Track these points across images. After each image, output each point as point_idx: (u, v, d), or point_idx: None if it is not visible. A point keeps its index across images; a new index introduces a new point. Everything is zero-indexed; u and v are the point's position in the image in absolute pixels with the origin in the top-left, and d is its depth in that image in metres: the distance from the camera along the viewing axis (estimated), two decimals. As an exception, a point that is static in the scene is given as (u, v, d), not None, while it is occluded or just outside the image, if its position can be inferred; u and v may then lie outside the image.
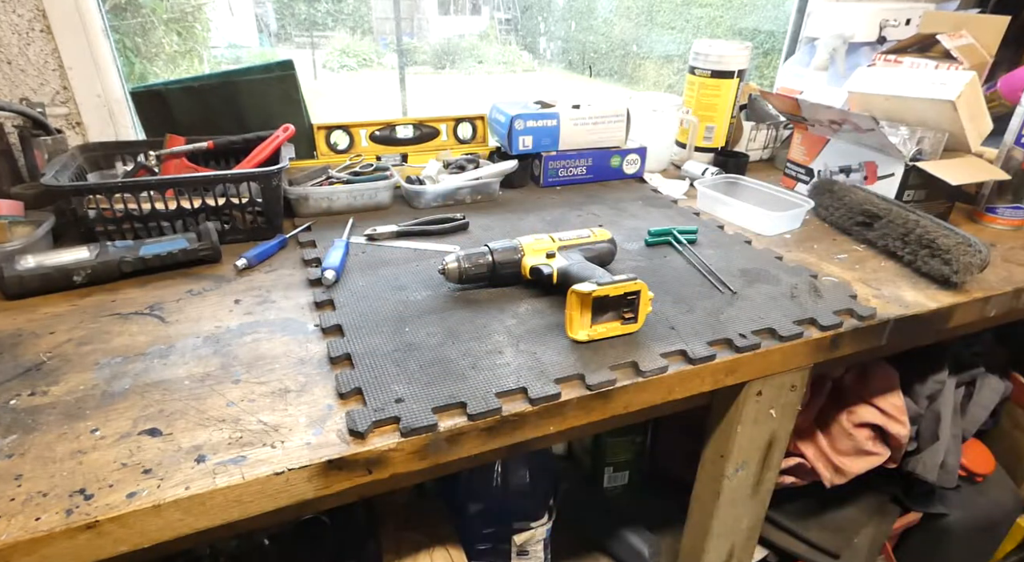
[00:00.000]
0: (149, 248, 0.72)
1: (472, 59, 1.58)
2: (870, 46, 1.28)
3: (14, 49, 0.90)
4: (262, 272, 0.75)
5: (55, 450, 0.46)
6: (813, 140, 1.06)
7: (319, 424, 0.49)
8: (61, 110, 0.96)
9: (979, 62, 1.10)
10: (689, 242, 0.83)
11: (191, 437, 0.47)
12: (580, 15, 1.55)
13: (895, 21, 1.26)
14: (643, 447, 1.13)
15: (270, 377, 0.55)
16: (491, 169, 1.00)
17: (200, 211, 0.79)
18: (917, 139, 0.90)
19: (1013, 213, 0.96)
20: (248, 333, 0.61)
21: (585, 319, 0.60)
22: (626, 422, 0.63)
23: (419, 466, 0.50)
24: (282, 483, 0.45)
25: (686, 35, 1.59)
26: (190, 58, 1.24)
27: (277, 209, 0.83)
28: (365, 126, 1.09)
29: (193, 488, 0.43)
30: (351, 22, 1.40)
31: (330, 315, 0.64)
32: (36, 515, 0.40)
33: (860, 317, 0.68)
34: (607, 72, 1.59)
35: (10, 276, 0.65)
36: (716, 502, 0.77)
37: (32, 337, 0.60)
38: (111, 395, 0.52)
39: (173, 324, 0.63)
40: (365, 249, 0.81)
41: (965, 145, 0.93)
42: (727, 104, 1.16)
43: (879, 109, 0.99)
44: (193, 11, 1.21)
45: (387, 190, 0.94)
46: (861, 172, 0.98)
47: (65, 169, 0.78)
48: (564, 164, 1.06)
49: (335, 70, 1.49)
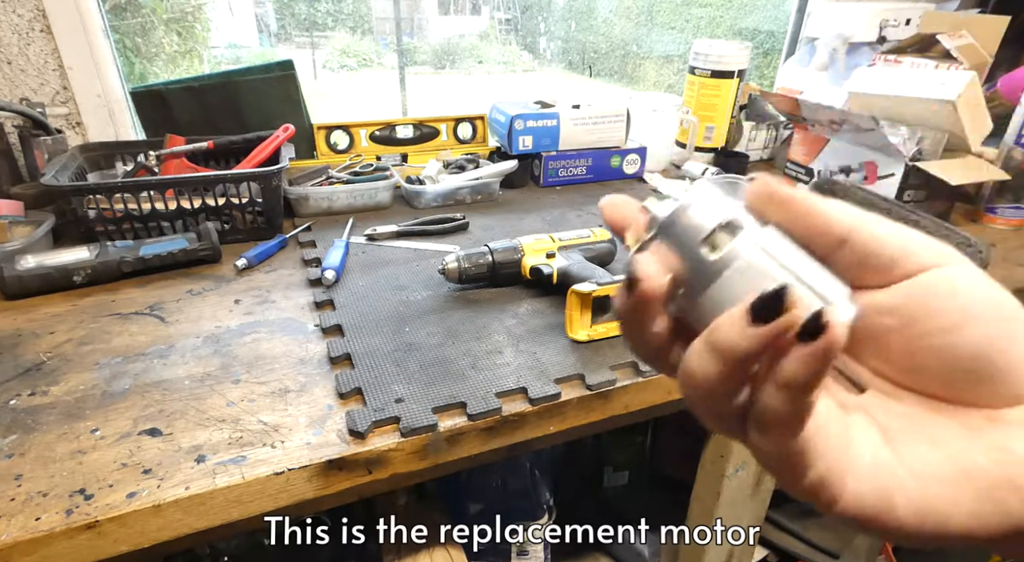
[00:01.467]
0: (149, 248, 0.72)
1: (472, 59, 1.58)
2: (870, 46, 1.28)
3: (14, 49, 0.90)
4: (262, 272, 0.75)
5: (55, 450, 0.46)
6: (813, 140, 1.05)
7: (319, 424, 0.49)
8: (61, 110, 0.96)
9: (979, 62, 1.10)
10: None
11: (191, 437, 0.47)
12: (580, 15, 1.55)
13: (895, 21, 1.26)
14: (643, 447, 1.13)
15: (270, 377, 0.55)
16: (491, 169, 1.00)
17: (200, 211, 0.79)
18: (917, 139, 0.90)
19: (1013, 213, 0.96)
20: (248, 333, 0.61)
21: (585, 319, 0.60)
22: (626, 422, 0.63)
23: (419, 466, 0.50)
24: (282, 483, 0.45)
25: (686, 35, 1.59)
26: (190, 58, 1.24)
27: (277, 209, 0.83)
28: (365, 126, 1.09)
29: (193, 488, 0.43)
30: (351, 22, 1.40)
31: (330, 315, 0.64)
32: (36, 515, 0.40)
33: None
34: (607, 72, 1.59)
35: (10, 276, 0.65)
36: (716, 502, 0.77)
37: (32, 337, 0.60)
38: (111, 395, 0.52)
39: (173, 324, 0.63)
40: (365, 249, 0.81)
41: (965, 145, 0.92)
42: (727, 104, 1.16)
43: (879, 109, 0.99)
44: (193, 11, 1.21)
45: (387, 190, 0.94)
46: (861, 172, 0.98)
47: (65, 169, 0.78)
48: (564, 164, 1.06)
49: (335, 70, 1.49)
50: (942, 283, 0.21)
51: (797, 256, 0.21)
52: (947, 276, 0.21)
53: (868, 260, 0.22)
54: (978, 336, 0.20)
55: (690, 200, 0.22)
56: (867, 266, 0.22)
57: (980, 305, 0.21)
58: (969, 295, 0.21)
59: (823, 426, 0.21)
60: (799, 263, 0.21)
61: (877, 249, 0.22)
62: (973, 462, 0.20)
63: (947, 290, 0.21)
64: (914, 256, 0.22)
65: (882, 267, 0.22)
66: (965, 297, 0.21)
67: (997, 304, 0.21)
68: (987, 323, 0.21)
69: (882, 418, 0.22)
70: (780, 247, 0.21)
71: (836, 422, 0.21)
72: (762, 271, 0.21)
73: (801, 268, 0.21)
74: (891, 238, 0.22)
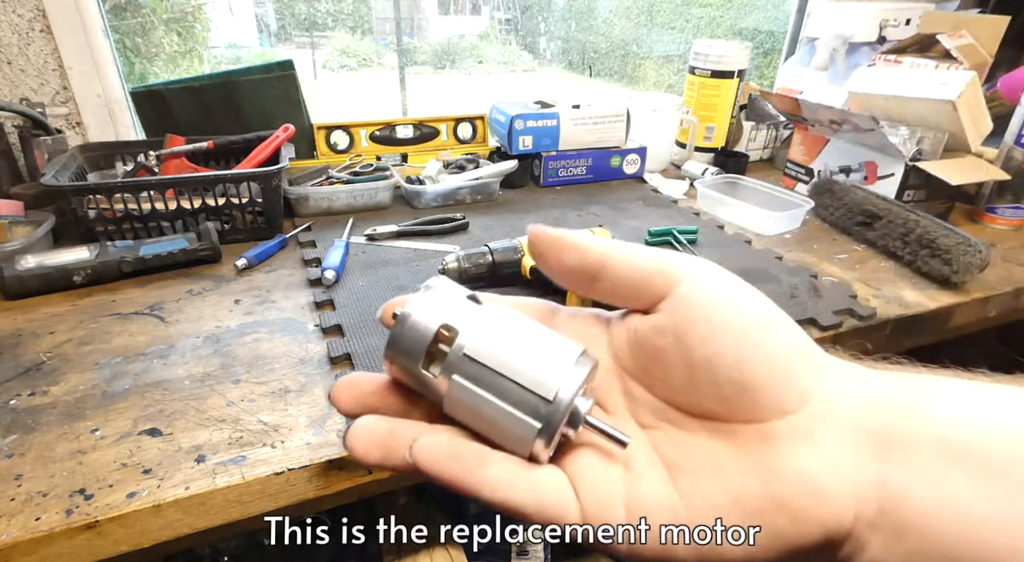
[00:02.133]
0: (149, 248, 0.72)
1: (472, 59, 1.58)
2: (870, 46, 1.28)
3: (14, 49, 0.90)
4: (262, 272, 0.75)
5: (55, 450, 0.46)
6: (813, 140, 1.06)
7: (319, 424, 0.49)
8: (61, 110, 0.96)
9: (979, 62, 1.10)
10: (689, 242, 0.84)
11: (191, 437, 0.47)
12: (580, 15, 1.55)
13: (895, 21, 1.26)
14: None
15: (270, 377, 0.55)
16: (491, 169, 1.00)
17: (200, 211, 0.79)
18: (917, 139, 0.90)
19: (1013, 213, 0.96)
20: (248, 333, 0.61)
21: (585, 319, 0.60)
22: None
23: (419, 466, 0.50)
24: (282, 483, 0.45)
25: (686, 35, 1.59)
26: (190, 58, 1.24)
27: (277, 209, 0.83)
28: (365, 126, 1.09)
29: (193, 488, 0.43)
30: (351, 22, 1.40)
31: (330, 315, 0.64)
32: (36, 515, 0.40)
33: (860, 317, 0.68)
34: (607, 72, 1.59)
35: (10, 276, 0.65)
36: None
37: (32, 337, 0.60)
38: (111, 395, 0.52)
39: (173, 324, 0.63)
40: (365, 249, 0.81)
41: (965, 145, 0.92)
42: (727, 104, 1.16)
43: (879, 109, 0.99)
44: (193, 11, 1.21)
45: (387, 190, 0.94)
46: (861, 172, 0.98)
47: (65, 169, 0.78)
48: (564, 164, 1.06)
49: (335, 70, 1.49)
50: (692, 295, 0.21)
51: (512, 345, 0.22)
52: (691, 288, 0.21)
53: (623, 285, 0.22)
54: (726, 346, 0.20)
55: (409, 309, 0.23)
56: (626, 291, 0.23)
57: (721, 313, 0.20)
58: (710, 305, 0.21)
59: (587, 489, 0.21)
60: (514, 354, 0.22)
61: (626, 274, 0.22)
62: (744, 487, 0.20)
63: (696, 302, 0.21)
64: (661, 274, 0.22)
65: (639, 290, 0.22)
66: (707, 308, 0.21)
67: (737, 309, 0.21)
68: (731, 331, 0.20)
69: (668, 451, 0.22)
70: (493, 343, 0.22)
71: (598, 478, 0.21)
72: (473, 393, 0.21)
73: (515, 360, 0.21)
74: (638, 261, 0.22)
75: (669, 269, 0.22)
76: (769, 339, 0.20)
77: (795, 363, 0.20)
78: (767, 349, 0.20)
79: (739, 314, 0.20)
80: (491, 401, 0.21)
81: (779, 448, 0.20)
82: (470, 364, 0.22)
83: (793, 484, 0.19)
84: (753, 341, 0.20)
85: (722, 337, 0.20)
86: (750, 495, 0.20)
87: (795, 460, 0.19)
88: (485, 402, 0.21)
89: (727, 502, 0.20)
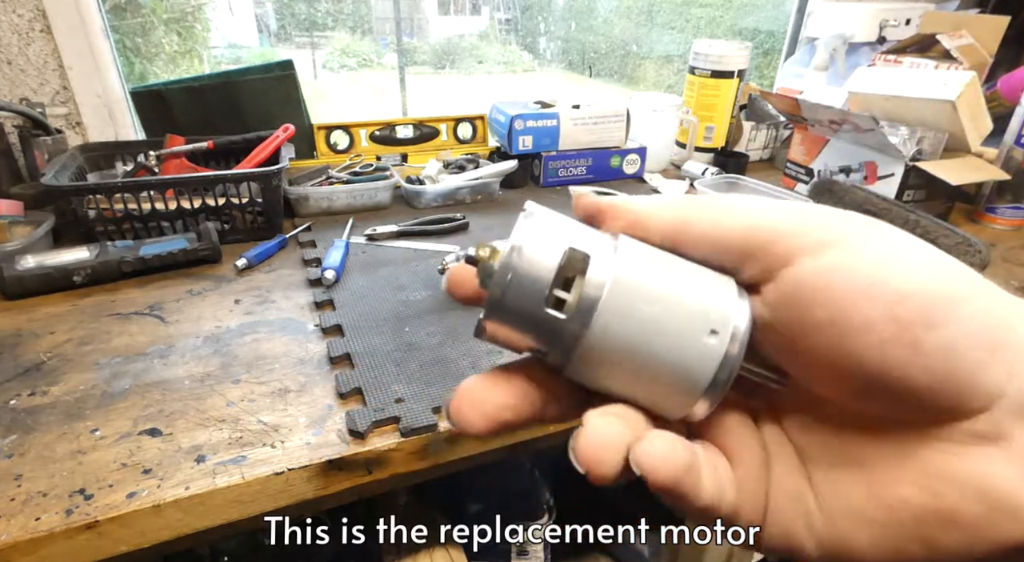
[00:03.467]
0: (149, 248, 0.72)
1: (472, 59, 1.58)
2: (870, 46, 1.28)
3: (14, 49, 0.90)
4: (262, 272, 0.75)
5: (55, 450, 0.46)
6: (813, 140, 1.06)
7: (319, 424, 0.49)
8: (61, 110, 0.96)
9: (979, 62, 1.10)
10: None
11: (191, 437, 0.47)
12: (580, 15, 1.55)
13: (895, 21, 1.26)
14: (643, 447, 1.13)
15: (270, 377, 0.55)
16: (491, 169, 1.00)
17: (200, 211, 0.79)
18: (917, 139, 0.90)
19: (1013, 213, 0.96)
20: (248, 333, 0.61)
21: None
22: (626, 422, 0.63)
23: (419, 466, 0.50)
24: (282, 483, 0.45)
25: (686, 35, 1.59)
26: (190, 58, 1.24)
27: (277, 209, 0.83)
28: (365, 126, 1.09)
29: (193, 488, 0.43)
30: (351, 22, 1.40)
31: (330, 315, 0.64)
32: (36, 515, 0.40)
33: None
34: (607, 72, 1.59)
35: (10, 276, 0.65)
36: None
37: (32, 337, 0.60)
38: (111, 395, 0.52)
39: (173, 324, 0.63)
40: (365, 249, 0.81)
41: (965, 145, 0.92)
42: (727, 104, 1.16)
43: (879, 109, 0.99)
44: (193, 11, 1.21)
45: (387, 190, 0.94)
46: (861, 172, 0.98)
47: (65, 169, 0.78)
48: (564, 164, 1.06)
49: (335, 70, 1.49)
50: (804, 288, 0.16)
51: (660, 270, 0.17)
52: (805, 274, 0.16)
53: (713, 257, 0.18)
54: (866, 353, 0.15)
55: (518, 241, 0.18)
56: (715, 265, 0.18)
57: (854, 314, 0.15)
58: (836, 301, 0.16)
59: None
60: (666, 282, 0.17)
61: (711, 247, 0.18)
62: (899, 494, 0.16)
63: (808, 297, 0.16)
64: (761, 251, 0.17)
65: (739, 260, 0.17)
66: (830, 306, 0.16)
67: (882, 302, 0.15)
68: (870, 335, 0.15)
69: (796, 435, 0.19)
70: (639, 269, 0.17)
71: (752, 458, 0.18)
72: (622, 333, 0.17)
73: (670, 289, 0.17)
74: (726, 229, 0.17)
75: (771, 244, 0.16)
76: (940, 331, 0.15)
77: (982, 353, 0.15)
78: (935, 343, 0.15)
79: (884, 311, 0.15)
80: (648, 341, 0.16)
81: (953, 450, 0.16)
82: (617, 296, 0.17)
83: (973, 498, 0.15)
84: (909, 341, 0.15)
85: (855, 343, 0.15)
86: (906, 504, 0.16)
87: (977, 466, 0.15)
88: (640, 342, 0.16)
89: (874, 509, 0.16)
